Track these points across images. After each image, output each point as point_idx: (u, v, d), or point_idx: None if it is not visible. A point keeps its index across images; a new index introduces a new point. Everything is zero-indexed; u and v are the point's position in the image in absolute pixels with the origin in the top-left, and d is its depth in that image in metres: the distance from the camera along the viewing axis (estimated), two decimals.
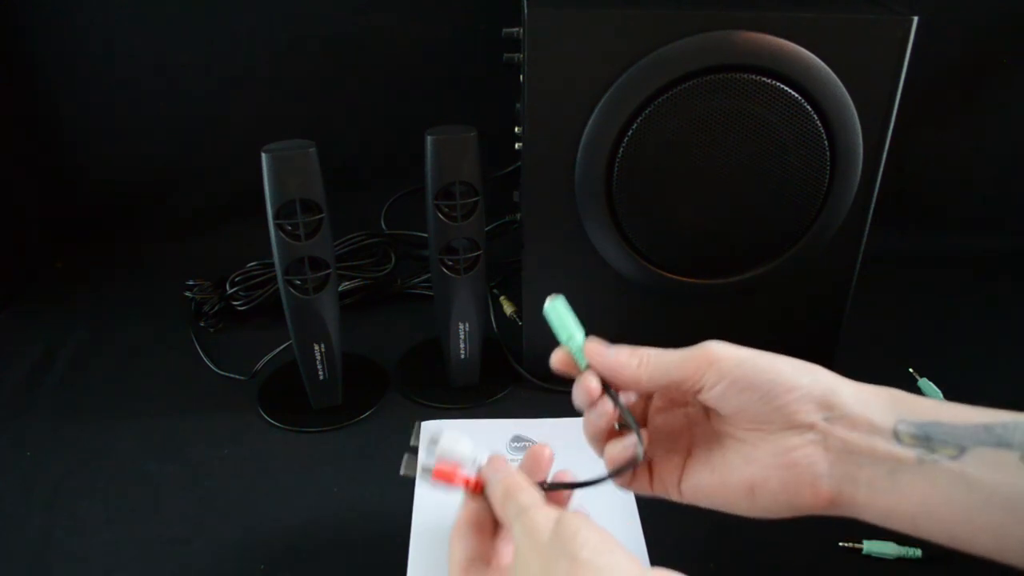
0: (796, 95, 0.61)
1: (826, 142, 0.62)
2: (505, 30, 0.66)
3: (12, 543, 0.58)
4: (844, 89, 0.61)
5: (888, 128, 0.63)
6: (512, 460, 0.62)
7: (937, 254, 1.00)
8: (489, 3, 0.89)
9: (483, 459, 0.46)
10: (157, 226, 1.01)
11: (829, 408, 0.39)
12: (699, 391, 0.42)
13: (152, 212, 1.01)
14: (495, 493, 0.43)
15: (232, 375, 0.76)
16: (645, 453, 0.44)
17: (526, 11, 0.59)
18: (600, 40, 0.60)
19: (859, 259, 0.69)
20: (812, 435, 0.40)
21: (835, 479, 0.39)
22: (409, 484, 0.64)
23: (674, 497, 0.45)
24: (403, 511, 0.61)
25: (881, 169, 0.65)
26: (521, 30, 0.62)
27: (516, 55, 0.65)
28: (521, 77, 0.64)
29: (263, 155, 0.60)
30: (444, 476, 0.44)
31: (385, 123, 0.98)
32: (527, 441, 0.67)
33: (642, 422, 0.48)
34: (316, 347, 0.68)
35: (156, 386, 0.75)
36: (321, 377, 0.70)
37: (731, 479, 0.42)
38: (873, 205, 0.67)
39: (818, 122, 0.62)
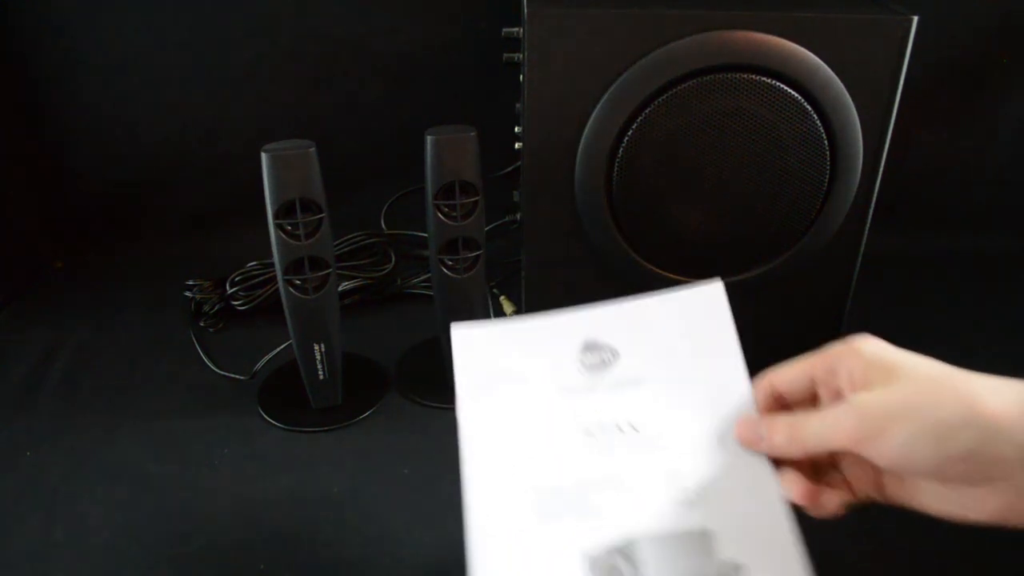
0: (796, 95, 0.61)
1: (826, 142, 0.62)
2: (505, 30, 0.66)
3: (12, 543, 0.58)
4: (844, 89, 0.61)
5: (888, 128, 0.63)
6: (586, 376, 0.45)
7: (937, 254, 1.00)
8: (489, 3, 0.89)
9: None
10: (157, 226, 1.01)
11: (1010, 463, 0.35)
12: (863, 456, 0.38)
13: (152, 212, 1.01)
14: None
15: (232, 375, 0.76)
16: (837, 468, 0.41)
17: (526, 11, 0.59)
18: (600, 40, 0.60)
19: (859, 259, 0.69)
20: (995, 486, 0.36)
21: None
22: (410, 485, 0.64)
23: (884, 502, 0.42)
24: (403, 511, 0.61)
25: (881, 169, 0.65)
26: (521, 30, 0.62)
27: (516, 55, 0.65)
28: (521, 77, 0.64)
29: (263, 155, 0.60)
30: None
31: (385, 123, 0.98)
32: (604, 350, 0.46)
33: None
34: (316, 347, 0.68)
35: (156, 386, 0.75)
36: (321, 377, 0.70)
37: (931, 508, 0.39)
38: (873, 205, 0.67)
39: (818, 122, 0.62)
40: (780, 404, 0.43)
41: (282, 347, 0.75)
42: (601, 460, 0.42)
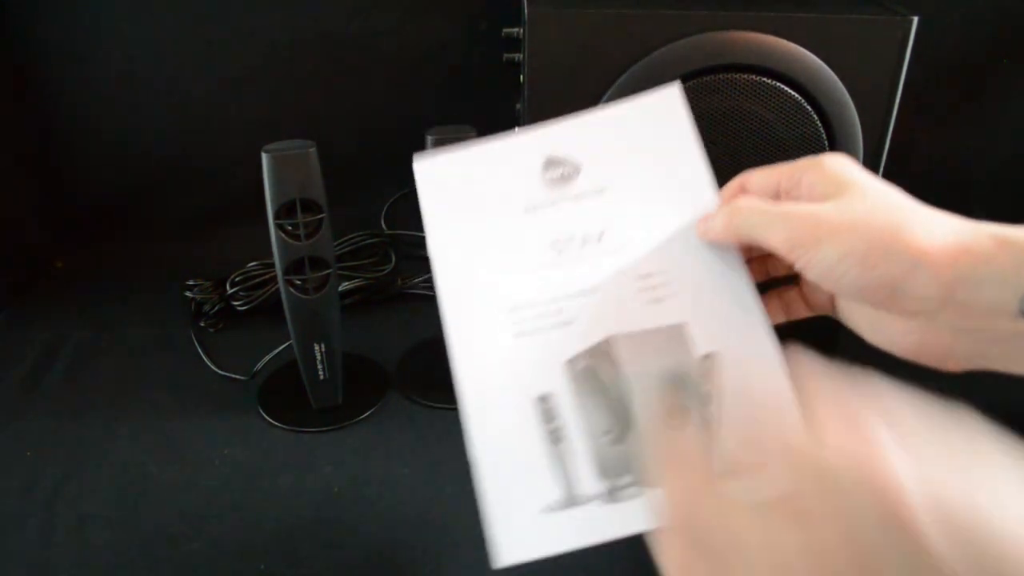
0: (796, 95, 0.61)
1: (826, 142, 0.62)
2: (505, 30, 0.66)
3: (12, 543, 0.58)
4: (844, 89, 0.61)
5: (888, 128, 0.63)
6: (549, 191, 0.44)
7: None
8: (489, 3, 0.89)
9: None
10: (157, 226, 1.01)
11: (932, 301, 0.34)
12: (794, 266, 0.37)
13: (152, 212, 1.01)
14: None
15: (232, 375, 0.76)
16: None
17: (526, 11, 0.59)
18: (600, 40, 0.60)
19: None
20: (920, 321, 0.35)
21: (963, 357, 0.36)
22: (410, 483, 0.64)
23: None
24: (403, 511, 0.61)
25: (881, 169, 0.65)
26: (521, 30, 0.62)
27: (516, 55, 0.65)
28: (521, 77, 0.64)
29: (263, 155, 0.60)
30: None
31: (385, 123, 0.98)
32: (565, 164, 0.45)
33: None
34: (316, 347, 0.68)
35: (156, 386, 0.75)
36: (321, 377, 0.70)
37: (863, 334, 0.39)
38: None
39: (818, 122, 0.62)
40: None
41: (282, 347, 0.75)
42: (571, 271, 0.42)
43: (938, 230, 0.34)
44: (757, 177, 0.41)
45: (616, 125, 0.44)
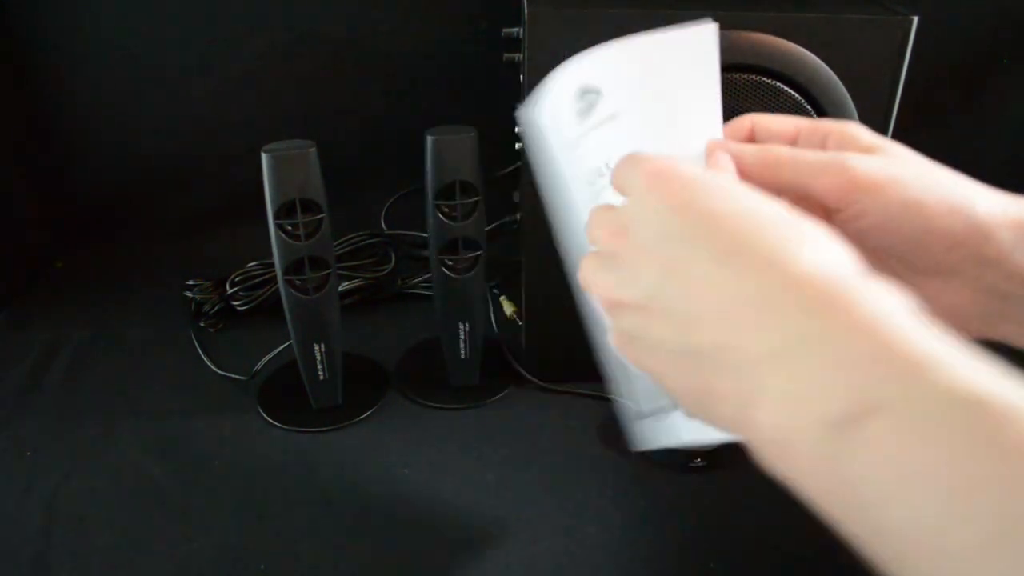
0: (796, 95, 0.61)
1: None
2: (505, 30, 0.66)
3: (12, 543, 0.58)
4: (844, 89, 0.61)
5: (888, 128, 0.63)
6: (579, 123, 0.44)
7: None
8: (489, 3, 0.89)
9: None
10: (157, 226, 1.01)
11: (984, 259, 0.35)
12: (834, 214, 0.35)
13: (152, 212, 1.01)
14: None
15: (232, 375, 0.76)
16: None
17: (526, 11, 0.59)
18: (600, 40, 0.60)
19: None
20: (959, 281, 0.35)
21: (983, 319, 0.36)
22: (407, 484, 0.64)
23: None
24: (403, 511, 0.61)
25: None
26: (521, 30, 0.62)
27: (516, 55, 0.65)
28: (521, 77, 0.64)
29: (263, 155, 0.60)
30: None
31: (385, 123, 0.98)
32: (591, 92, 0.44)
33: None
34: (316, 347, 0.68)
35: (156, 386, 0.75)
36: (321, 377, 0.70)
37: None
38: None
39: None
40: None
41: (282, 347, 0.75)
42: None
43: (991, 198, 0.35)
44: (769, 122, 0.40)
45: (643, 53, 0.43)
